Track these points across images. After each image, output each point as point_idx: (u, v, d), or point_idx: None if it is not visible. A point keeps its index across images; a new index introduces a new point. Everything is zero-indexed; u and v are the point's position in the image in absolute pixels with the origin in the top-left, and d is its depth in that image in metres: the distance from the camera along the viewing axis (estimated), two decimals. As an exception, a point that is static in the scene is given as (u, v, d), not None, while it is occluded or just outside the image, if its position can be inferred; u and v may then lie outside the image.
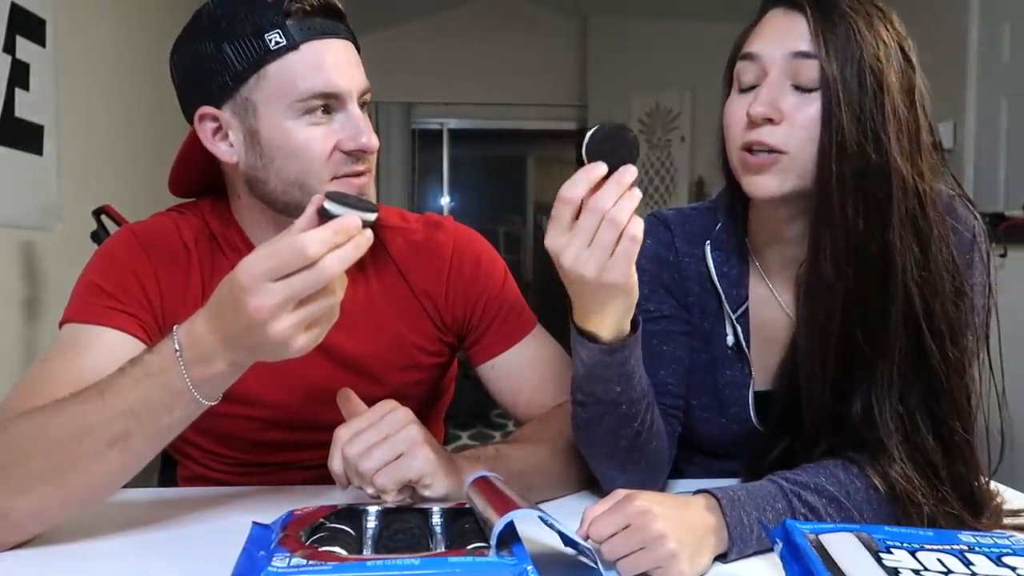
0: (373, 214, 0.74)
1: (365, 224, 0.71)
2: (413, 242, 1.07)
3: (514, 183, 6.49)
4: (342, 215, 0.71)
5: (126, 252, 0.97)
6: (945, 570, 0.62)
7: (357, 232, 0.70)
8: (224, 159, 0.94)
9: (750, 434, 0.97)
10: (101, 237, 2.13)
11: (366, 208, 0.74)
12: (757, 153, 0.85)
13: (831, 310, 0.84)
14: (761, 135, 0.84)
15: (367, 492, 0.79)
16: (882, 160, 0.80)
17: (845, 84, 0.80)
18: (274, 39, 0.87)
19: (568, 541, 0.73)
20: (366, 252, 0.71)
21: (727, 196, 0.97)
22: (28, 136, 2.07)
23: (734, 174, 0.89)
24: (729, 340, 0.97)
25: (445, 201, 5.91)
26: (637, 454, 0.86)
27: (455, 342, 1.09)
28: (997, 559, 0.64)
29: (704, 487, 0.80)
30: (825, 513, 0.79)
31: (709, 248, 0.97)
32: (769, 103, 0.83)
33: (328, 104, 0.90)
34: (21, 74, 2.03)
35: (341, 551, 0.65)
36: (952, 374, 0.82)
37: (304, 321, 0.69)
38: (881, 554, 0.64)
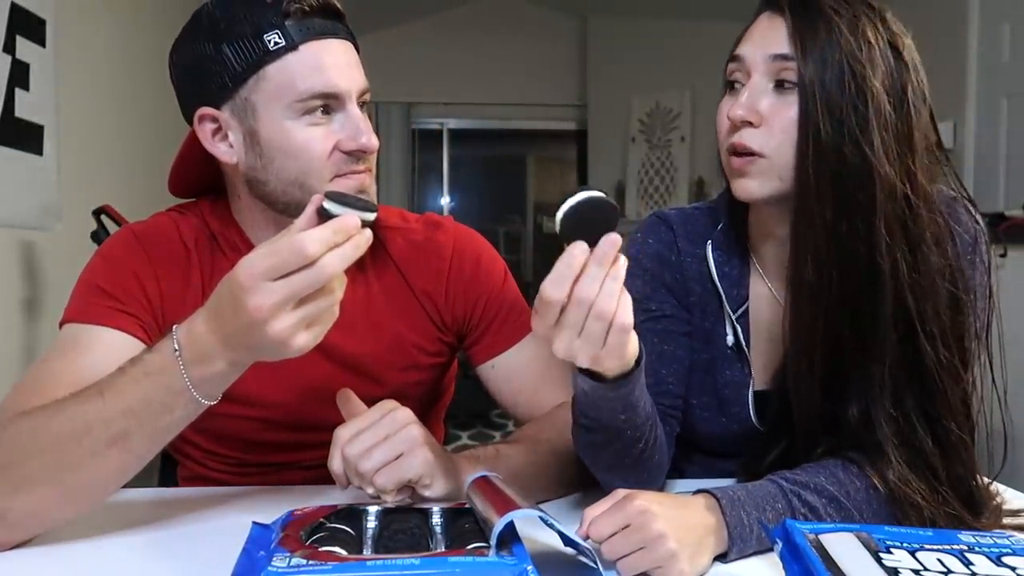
0: (372, 214, 0.75)
1: (364, 224, 0.71)
2: (413, 242, 1.07)
3: (514, 183, 6.49)
4: (342, 215, 0.71)
5: (126, 252, 0.97)
6: (945, 570, 0.62)
7: (356, 232, 0.70)
8: (224, 159, 0.94)
9: (750, 434, 0.97)
10: (101, 237, 2.13)
11: (366, 208, 0.74)
12: (740, 154, 0.85)
13: (815, 311, 0.83)
14: (742, 138, 0.85)
15: (367, 492, 0.79)
16: (863, 162, 0.79)
17: (823, 86, 0.80)
18: (273, 40, 0.87)
19: (568, 541, 0.72)
20: (366, 252, 0.71)
21: (728, 196, 0.97)
22: (28, 136, 2.07)
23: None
24: (729, 340, 0.97)
25: (445, 201, 5.91)
26: (640, 467, 0.86)
27: (455, 342, 1.09)
28: (997, 559, 0.64)
29: (704, 487, 0.80)
30: (825, 513, 0.79)
31: (710, 248, 0.97)
32: (748, 106, 0.84)
33: (328, 104, 0.90)
34: (21, 74, 2.03)
35: (341, 551, 0.65)
36: (947, 376, 0.81)
37: (304, 320, 0.70)
38: (881, 554, 0.64)
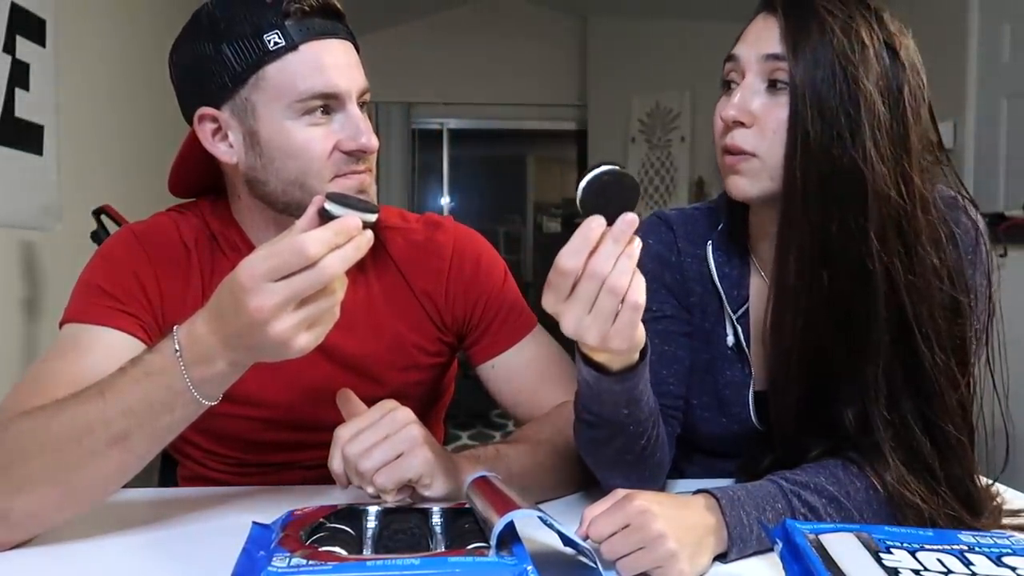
0: (374, 215, 0.75)
1: (366, 225, 0.72)
2: (413, 242, 1.07)
3: (514, 183, 6.48)
4: (343, 215, 0.71)
5: (126, 252, 0.97)
6: (945, 570, 0.62)
7: (357, 232, 0.70)
8: (224, 160, 0.94)
9: (750, 434, 0.97)
10: (101, 237, 2.13)
11: (367, 209, 0.74)
12: (732, 153, 0.85)
13: (796, 311, 0.83)
14: (734, 138, 0.85)
15: (367, 492, 0.79)
16: (854, 163, 0.79)
17: (814, 86, 0.80)
18: (273, 40, 0.87)
19: (568, 541, 0.72)
20: (366, 252, 0.71)
21: (728, 196, 0.97)
22: (28, 136, 2.07)
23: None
24: (729, 340, 0.97)
25: (445, 201, 5.91)
26: (642, 464, 0.86)
27: (455, 342, 1.09)
28: (997, 559, 0.64)
29: (704, 487, 0.80)
30: (825, 513, 0.79)
31: (710, 248, 0.97)
32: (739, 107, 0.84)
33: (327, 104, 0.90)
34: (21, 74, 2.03)
35: (341, 551, 0.65)
36: (944, 378, 0.81)
37: (305, 321, 0.70)
38: (881, 554, 0.64)
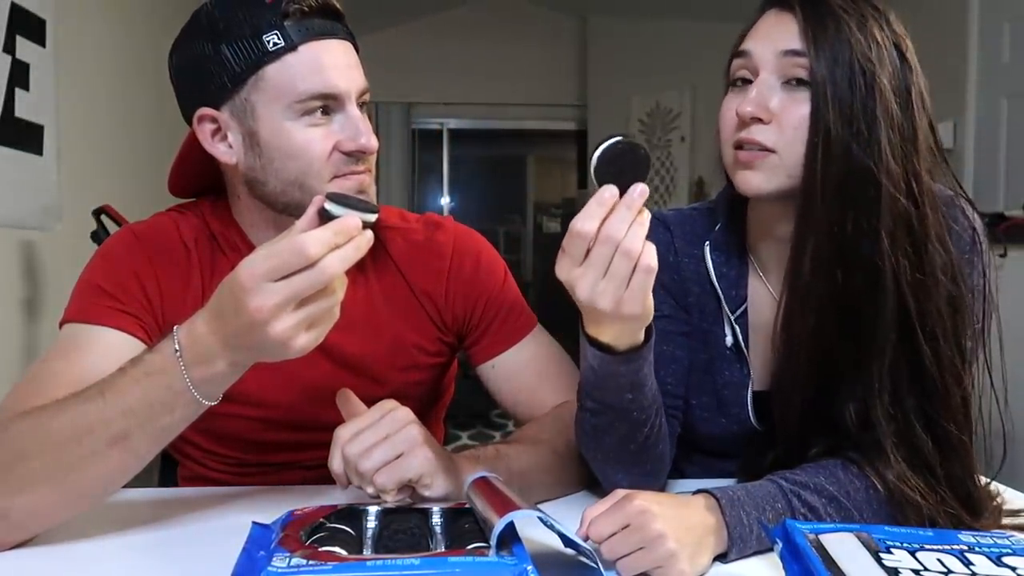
0: (373, 215, 0.75)
1: (366, 225, 0.72)
2: (413, 242, 1.07)
3: (514, 183, 6.49)
4: (343, 216, 0.71)
5: (126, 252, 0.97)
6: (945, 570, 0.62)
7: (357, 233, 0.70)
8: (223, 160, 0.94)
9: (750, 434, 0.97)
10: (101, 237, 2.13)
11: (367, 209, 0.74)
12: (748, 148, 0.85)
13: (807, 310, 0.83)
14: (751, 134, 0.84)
15: (367, 492, 0.79)
16: (871, 161, 0.79)
17: (834, 84, 0.80)
18: (272, 40, 0.87)
19: (568, 541, 0.72)
20: (366, 253, 0.71)
21: (726, 196, 0.97)
22: (28, 136, 2.07)
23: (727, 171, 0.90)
24: (728, 340, 0.97)
25: (445, 201, 5.91)
26: (644, 456, 0.85)
27: (455, 342, 1.09)
28: (997, 559, 0.64)
29: (704, 487, 0.80)
30: (825, 513, 0.79)
31: (708, 249, 0.97)
32: (758, 103, 0.83)
33: (327, 105, 0.90)
34: (21, 74, 2.02)
35: (341, 551, 0.65)
36: (946, 376, 0.81)
37: (305, 321, 0.70)
38: (881, 554, 0.64)
